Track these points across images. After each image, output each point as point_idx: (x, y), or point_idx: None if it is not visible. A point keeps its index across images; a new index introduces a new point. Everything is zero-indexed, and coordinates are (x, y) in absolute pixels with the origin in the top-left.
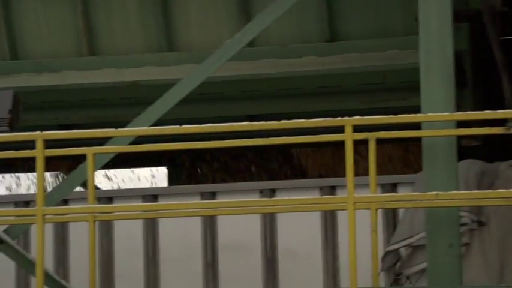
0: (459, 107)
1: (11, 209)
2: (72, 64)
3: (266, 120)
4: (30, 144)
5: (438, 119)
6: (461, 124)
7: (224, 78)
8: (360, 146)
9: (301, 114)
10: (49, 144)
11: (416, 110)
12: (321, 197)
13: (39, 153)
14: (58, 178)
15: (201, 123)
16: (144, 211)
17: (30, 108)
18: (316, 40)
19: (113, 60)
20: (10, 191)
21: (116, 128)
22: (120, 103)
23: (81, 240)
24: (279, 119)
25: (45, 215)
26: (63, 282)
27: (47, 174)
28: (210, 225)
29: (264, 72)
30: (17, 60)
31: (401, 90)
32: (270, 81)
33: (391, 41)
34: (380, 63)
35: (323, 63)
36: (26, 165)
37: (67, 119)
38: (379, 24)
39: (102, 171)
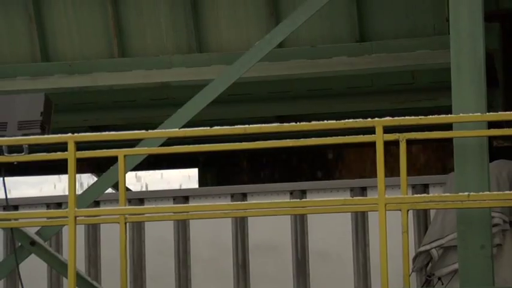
0: (490, 107)
1: (43, 211)
2: (103, 66)
3: (296, 121)
4: (62, 146)
5: (469, 119)
6: (492, 124)
7: (254, 79)
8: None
9: (331, 115)
10: (81, 145)
11: (447, 110)
12: (351, 198)
13: (70, 155)
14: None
15: (230, 125)
16: (175, 212)
17: (61, 110)
18: (346, 40)
19: (143, 62)
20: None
21: (147, 129)
22: (150, 104)
23: (113, 241)
24: (308, 120)
25: (77, 216)
26: (94, 283)
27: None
28: (240, 226)
29: (294, 73)
30: (49, 62)
31: (432, 90)
32: (300, 82)
33: (421, 41)
34: (410, 63)
35: (353, 63)
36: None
37: (97, 120)
38: (408, 24)
39: (133, 173)
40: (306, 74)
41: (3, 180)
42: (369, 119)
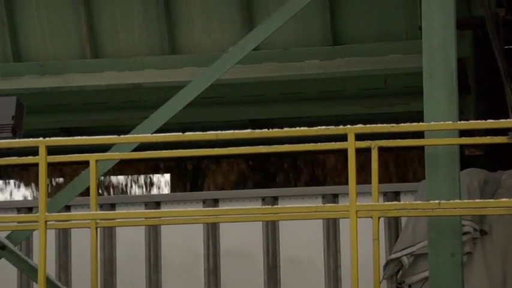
0: (461, 113)
1: (13, 215)
2: (75, 67)
3: (268, 124)
4: (33, 149)
5: (441, 128)
6: (464, 133)
7: (226, 81)
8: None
9: (303, 119)
10: (51, 149)
11: (419, 115)
12: (323, 205)
13: (41, 160)
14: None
15: (203, 127)
16: (147, 218)
17: (32, 111)
18: (319, 44)
19: (115, 63)
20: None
21: (119, 132)
22: (122, 106)
23: (84, 246)
24: (281, 124)
25: (48, 221)
26: None
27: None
28: (212, 232)
29: (266, 75)
30: (20, 62)
31: (404, 95)
32: (272, 85)
33: (393, 45)
34: (382, 66)
35: (325, 66)
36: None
37: (69, 122)
38: (381, 28)
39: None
40: (278, 76)
41: None
42: (341, 127)
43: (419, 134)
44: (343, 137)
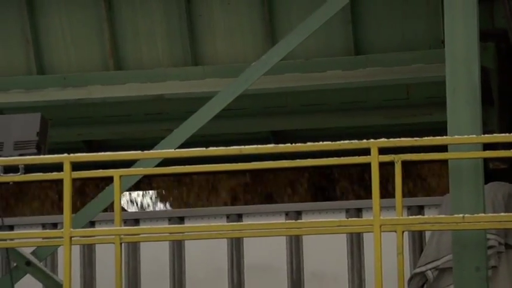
0: (484, 125)
1: (38, 231)
2: (97, 79)
3: (290, 136)
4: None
5: (464, 141)
6: (488, 146)
7: (247, 92)
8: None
9: (325, 131)
10: (76, 164)
11: (442, 125)
12: (347, 219)
13: (66, 176)
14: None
15: (224, 140)
16: (171, 233)
17: (54, 125)
18: (341, 54)
19: (138, 75)
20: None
21: (141, 145)
22: (144, 119)
23: (108, 262)
24: (303, 136)
25: (73, 237)
26: None
27: None
28: (236, 246)
29: (288, 86)
30: (43, 75)
31: (426, 105)
32: (294, 96)
33: (416, 55)
34: (404, 76)
35: (347, 76)
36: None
37: (91, 135)
38: (403, 37)
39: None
40: (300, 87)
41: None
42: (364, 141)
43: (442, 147)
44: (365, 150)
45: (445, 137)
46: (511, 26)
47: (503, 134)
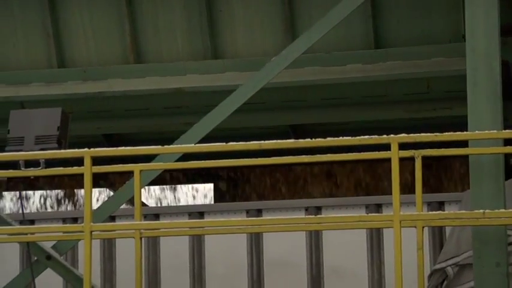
0: (505, 120)
1: (59, 225)
2: (117, 72)
3: (309, 130)
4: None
5: (485, 136)
6: (509, 141)
7: (267, 86)
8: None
9: (345, 125)
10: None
11: (462, 119)
12: (366, 214)
13: (87, 170)
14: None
15: (243, 134)
16: (190, 228)
17: (75, 118)
18: (361, 47)
19: (158, 68)
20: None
21: (161, 138)
22: (164, 112)
23: (128, 256)
24: (322, 130)
25: (93, 231)
26: None
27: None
28: (255, 242)
29: (308, 79)
30: (64, 68)
31: (447, 99)
32: (313, 90)
33: (436, 48)
34: (425, 70)
35: (367, 70)
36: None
37: (111, 128)
38: (424, 31)
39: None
40: (320, 80)
41: (20, 194)
42: (384, 136)
43: (463, 142)
44: (386, 145)
45: (465, 132)
46: None
47: None
